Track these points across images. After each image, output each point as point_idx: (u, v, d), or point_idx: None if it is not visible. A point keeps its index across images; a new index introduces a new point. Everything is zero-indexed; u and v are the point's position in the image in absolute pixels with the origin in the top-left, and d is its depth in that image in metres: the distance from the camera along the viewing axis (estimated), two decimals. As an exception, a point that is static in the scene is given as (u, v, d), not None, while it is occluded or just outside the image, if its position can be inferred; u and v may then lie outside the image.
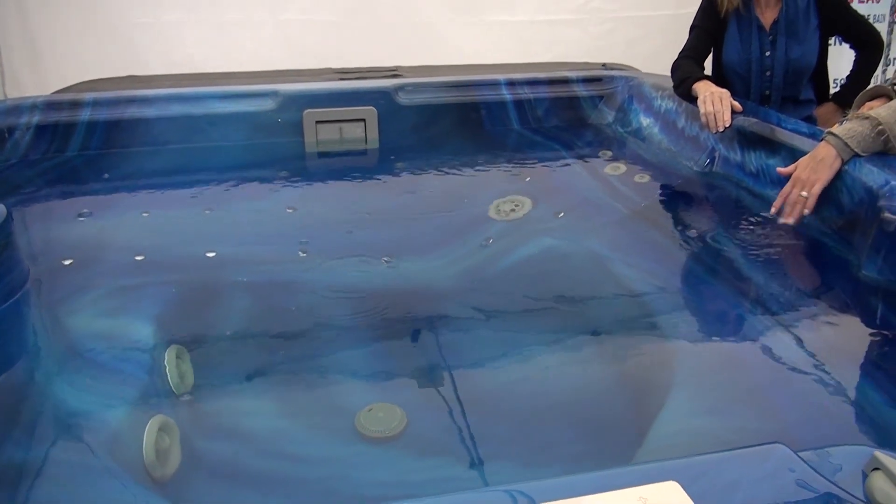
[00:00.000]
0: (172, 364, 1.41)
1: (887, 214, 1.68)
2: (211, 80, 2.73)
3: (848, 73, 2.80)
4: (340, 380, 1.49)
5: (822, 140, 1.88)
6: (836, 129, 1.89)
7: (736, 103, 2.28)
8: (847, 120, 1.92)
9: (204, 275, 1.82)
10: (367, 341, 1.61)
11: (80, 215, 2.08)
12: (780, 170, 1.95)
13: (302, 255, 1.92)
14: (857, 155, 1.83)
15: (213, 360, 1.53)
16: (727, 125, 2.23)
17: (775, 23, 2.59)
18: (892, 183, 1.70)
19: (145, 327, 1.54)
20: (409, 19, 3.86)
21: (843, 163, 1.84)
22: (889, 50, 4.41)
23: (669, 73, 2.57)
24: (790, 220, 1.85)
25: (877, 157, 1.82)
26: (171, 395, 1.36)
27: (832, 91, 2.87)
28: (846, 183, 1.83)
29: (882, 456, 0.83)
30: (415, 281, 1.83)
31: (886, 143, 1.82)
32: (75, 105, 2.52)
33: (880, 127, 1.82)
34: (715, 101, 2.27)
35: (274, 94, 2.61)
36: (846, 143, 1.83)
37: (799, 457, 0.84)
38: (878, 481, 0.82)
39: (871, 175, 1.77)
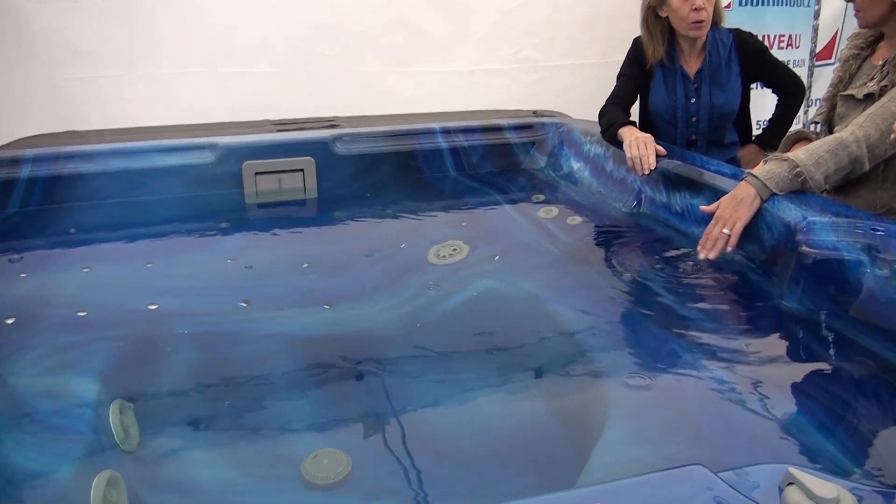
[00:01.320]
0: (117, 419, 1.41)
1: (804, 248, 1.79)
2: (150, 133, 2.74)
3: (770, 116, 2.95)
4: (286, 428, 1.50)
5: (742, 180, 1.99)
6: (755, 170, 2.00)
7: (660, 147, 2.38)
8: (767, 161, 2.04)
9: (147, 328, 1.82)
10: (312, 388, 1.63)
11: (22, 272, 2.07)
12: (703, 208, 2.05)
13: (243, 305, 1.93)
14: (775, 194, 1.94)
15: (158, 412, 1.53)
16: (652, 168, 2.33)
17: (699, 71, 2.72)
18: (809, 218, 1.81)
19: (89, 383, 1.54)
20: (346, 70, 3.93)
21: (763, 202, 1.95)
22: (811, 92, 4.64)
23: (597, 119, 2.67)
24: (712, 256, 1.95)
25: (794, 194, 1.94)
26: (117, 449, 1.36)
27: (755, 133, 3.01)
28: (766, 220, 1.94)
29: (795, 471, 0.89)
30: (356, 326, 1.85)
31: (804, 183, 1.94)
32: (15, 162, 2.51)
33: (798, 169, 1.93)
34: (640, 146, 2.38)
35: (213, 146, 2.64)
36: (765, 184, 1.94)
37: (718, 477, 0.90)
38: (793, 495, 0.89)
39: (790, 211, 1.88)
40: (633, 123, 2.58)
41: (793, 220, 1.85)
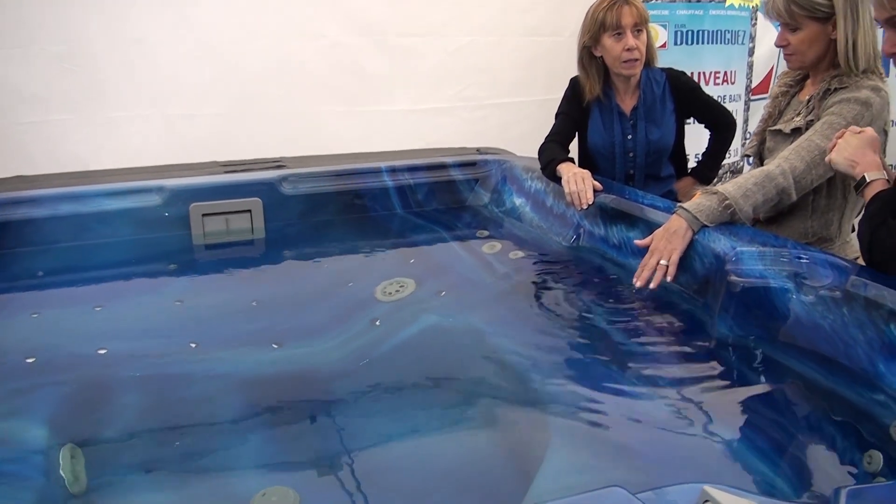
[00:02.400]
0: (67, 464, 1.43)
1: (733, 277, 1.87)
2: (98, 177, 2.74)
3: (704, 150, 3.07)
4: (235, 467, 1.52)
5: (674, 213, 2.08)
6: (686, 203, 2.09)
7: (596, 182, 2.47)
8: (694, 195, 2.13)
9: (96, 372, 1.83)
10: (260, 427, 1.66)
11: (-31, 320, 2.07)
12: (638, 242, 2.13)
13: (192, 346, 1.95)
14: (705, 226, 2.03)
15: (108, 456, 1.54)
16: (590, 203, 2.41)
17: (635, 109, 2.82)
18: (738, 248, 1.90)
19: (38, 429, 1.55)
20: (293, 111, 3.97)
21: (694, 233, 2.03)
22: (747, 126, 4.80)
23: (537, 156, 2.75)
24: (652, 285, 2.03)
25: (725, 226, 2.03)
26: (67, 495, 1.37)
27: (690, 166, 3.13)
28: (698, 251, 2.02)
29: (710, 489, 0.95)
30: (304, 365, 1.88)
31: (733, 215, 2.03)
32: None
33: (727, 201, 2.03)
34: (577, 181, 2.46)
35: (160, 189, 2.65)
36: (695, 216, 2.03)
37: (636, 497, 0.95)
38: (708, 512, 0.95)
39: (719, 242, 1.97)
40: (572, 160, 2.66)
41: (722, 250, 1.94)
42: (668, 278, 2.02)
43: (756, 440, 1.51)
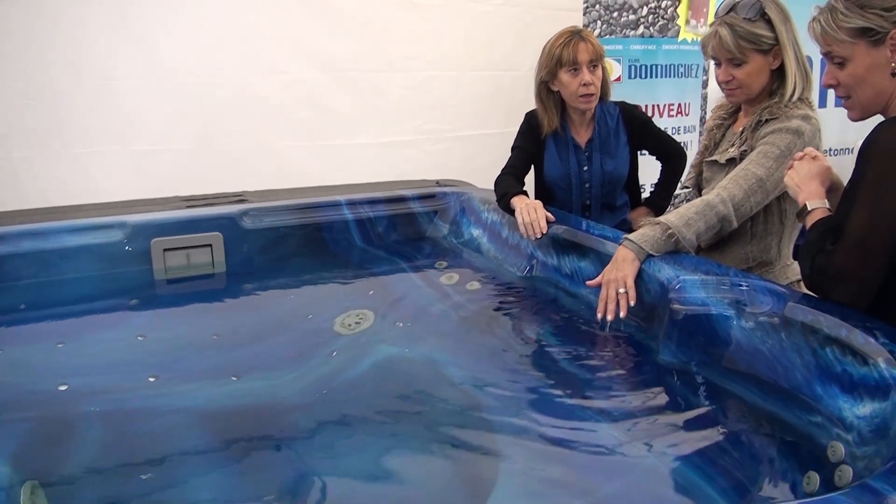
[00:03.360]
0: (28, 500, 1.44)
1: (676, 305, 1.94)
2: (62, 213, 2.75)
3: (657, 180, 3.16)
4: (196, 500, 1.55)
5: (620, 244, 2.16)
6: (632, 234, 2.17)
7: (549, 213, 2.54)
8: (643, 225, 2.21)
9: (57, 408, 1.85)
10: (220, 459, 1.68)
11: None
12: (589, 283, 2.20)
13: (152, 380, 1.97)
14: (651, 255, 2.11)
15: (69, 492, 1.56)
16: (543, 232, 2.48)
17: (589, 141, 2.91)
18: (681, 277, 1.97)
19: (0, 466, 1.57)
20: (257, 145, 3.99)
21: (641, 263, 2.11)
22: (701, 156, 4.92)
23: (493, 188, 2.82)
24: (622, 314, 2.09)
25: (669, 255, 2.10)
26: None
27: (644, 196, 3.22)
28: (644, 280, 2.09)
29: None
30: (264, 397, 1.91)
31: (677, 243, 2.11)
32: None
33: (670, 231, 2.10)
34: (530, 212, 2.53)
35: (122, 225, 2.67)
36: (641, 247, 2.11)
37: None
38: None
39: (664, 271, 2.04)
40: (525, 192, 2.73)
41: (666, 279, 2.01)
42: (632, 302, 2.08)
43: (701, 463, 1.57)
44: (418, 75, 4.21)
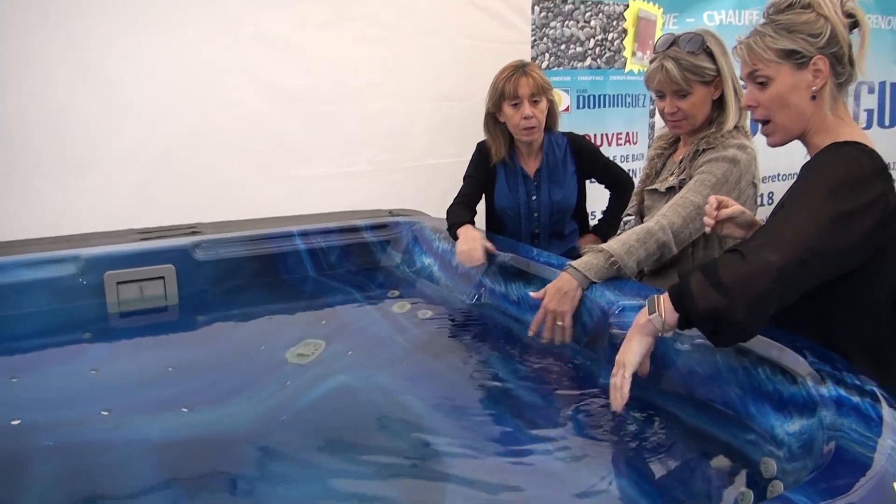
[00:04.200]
0: (-23, 537, 1.46)
1: (615, 330, 2.01)
2: (16, 247, 2.75)
3: (605, 208, 3.25)
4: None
5: (564, 271, 2.23)
6: (575, 262, 2.24)
7: (489, 245, 2.61)
8: (586, 253, 2.29)
9: (9, 444, 1.84)
10: (173, 492, 1.68)
11: None
12: (533, 294, 2.27)
13: (105, 414, 1.98)
14: (594, 282, 2.18)
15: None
16: (479, 262, 2.55)
17: (538, 171, 2.99)
18: (620, 302, 2.05)
19: (-49, 505, 1.57)
20: (213, 177, 4.00)
21: (584, 290, 2.18)
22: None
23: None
24: (556, 341, 2.19)
25: (611, 281, 2.17)
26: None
27: (593, 223, 3.30)
28: (587, 306, 2.16)
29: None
30: (216, 428, 1.93)
31: (619, 270, 2.18)
32: None
33: (612, 258, 2.18)
34: (468, 241, 2.61)
35: (75, 258, 2.68)
36: (584, 274, 2.18)
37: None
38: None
39: (605, 297, 2.11)
40: (471, 223, 2.79)
41: (607, 304, 2.08)
42: (567, 339, 2.18)
43: (641, 483, 1.62)
44: (372, 106, 4.26)
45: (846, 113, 1.81)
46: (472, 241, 2.62)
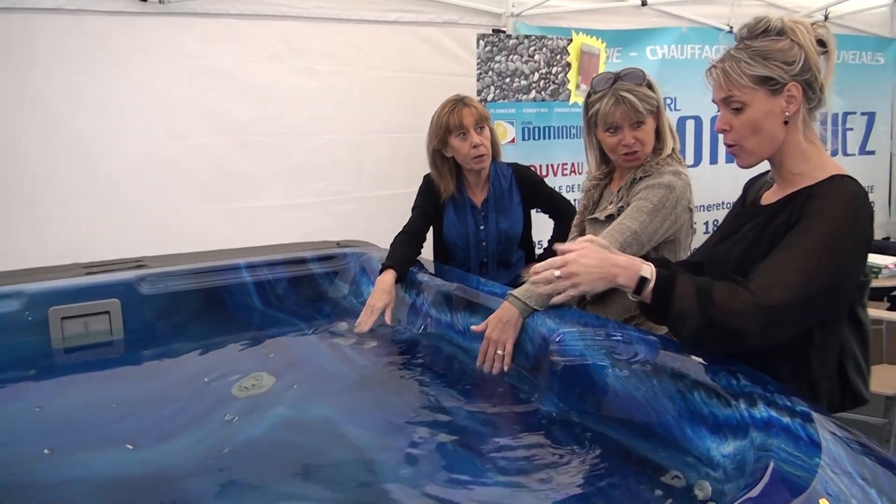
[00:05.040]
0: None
1: (555, 357, 2.06)
2: None
3: (549, 237, 3.31)
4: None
5: (506, 300, 2.27)
6: (516, 290, 2.28)
7: (387, 316, 2.71)
8: (527, 282, 2.33)
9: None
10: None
11: None
12: (474, 328, 2.31)
13: (47, 452, 1.96)
14: (535, 310, 2.23)
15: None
16: (366, 328, 2.66)
17: (485, 201, 3.05)
18: (561, 330, 2.09)
19: None
20: (161, 209, 4.01)
21: (524, 318, 2.23)
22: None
23: (392, 248, 2.92)
24: (494, 371, 2.22)
25: (553, 309, 2.22)
26: None
27: (538, 252, 3.36)
28: (529, 333, 2.20)
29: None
30: (160, 464, 1.91)
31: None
32: None
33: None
34: (368, 307, 2.72)
35: (19, 294, 2.65)
36: (525, 303, 2.22)
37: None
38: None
39: (546, 325, 2.16)
40: (394, 267, 2.82)
41: (548, 331, 2.13)
42: (506, 367, 2.22)
43: (582, 506, 1.67)
44: (320, 138, 4.31)
45: (816, 137, 1.86)
46: (371, 307, 2.70)
